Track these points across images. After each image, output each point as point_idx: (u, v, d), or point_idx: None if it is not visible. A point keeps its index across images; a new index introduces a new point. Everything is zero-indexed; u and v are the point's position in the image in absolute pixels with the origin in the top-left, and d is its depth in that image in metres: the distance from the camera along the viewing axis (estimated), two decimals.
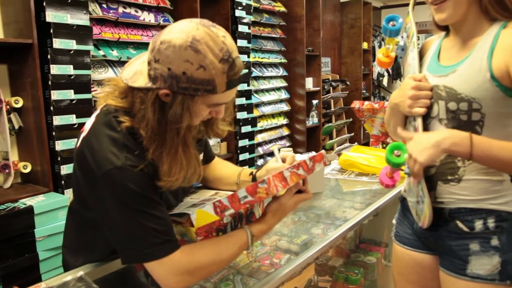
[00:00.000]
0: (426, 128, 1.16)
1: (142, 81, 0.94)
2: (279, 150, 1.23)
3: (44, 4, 2.08)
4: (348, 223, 1.36)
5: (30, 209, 1.92)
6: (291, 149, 1.72)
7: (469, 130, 1.08)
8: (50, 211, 2.00)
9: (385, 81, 6.98)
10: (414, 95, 1.15)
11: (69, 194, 2.21)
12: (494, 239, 1.09)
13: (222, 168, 1.33)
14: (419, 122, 1.15)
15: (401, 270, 1.32)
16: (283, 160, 1.17)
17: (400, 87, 1.22)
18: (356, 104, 2.06)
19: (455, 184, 1.13)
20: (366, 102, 2.02)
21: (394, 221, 1.39)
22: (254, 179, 1.23)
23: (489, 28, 1.09)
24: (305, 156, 1.60)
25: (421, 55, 1.26)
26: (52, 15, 2.11)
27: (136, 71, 0.97)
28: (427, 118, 1.16)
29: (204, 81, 0.88)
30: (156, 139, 0.93)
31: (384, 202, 1.57)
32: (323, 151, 1.12)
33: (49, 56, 2.12)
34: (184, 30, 0.88)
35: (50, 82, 2.13)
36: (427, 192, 1.12)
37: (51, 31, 2.11)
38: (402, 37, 1.32)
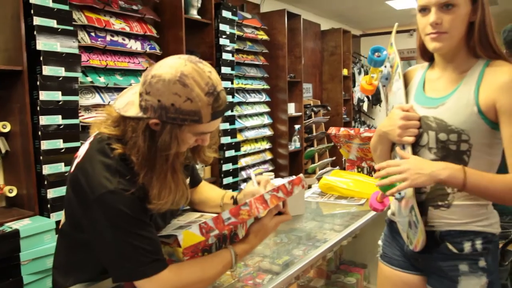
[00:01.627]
0: (415, 155, 1.22)
1: (134, 111, 1.01)
2: (255, 175, 1.31)
3: (35, 32, 2.15)
4: (327, 244, 1.42)
5: (15, 233, 1.94)
6: (272, 173, 1.79)
7: (457, 159, 1.16)
8: (36, 235, 2.01)
9: (365, 107, 7.17)
10: (404, 124, 1.21)
11: (55, 217, 2.23)
12: (482, 261, 1.17)
13: (207, 191, 1.40)
14: (408, 150, 1.22)
15: None
16: (259, 183, 1.25)
17: (388, 116, 1.29)
18: (332, 130, 2.15)
19: (445, 210, 1.20)
20: (342, 129, 2.11)
21: (380, 242, 1.44)
22: (235, 202, 1.31)
23: (474, 64, 1.18)
24: (286, 180, 1.68)
25: (405, 84, 1.32)
26: (43, 43, 2.18)
27: (128, 102, 1.05)
28: (416, 146, 1.23)
29: (190, 112, 0.96)
30: (146, 165, 1.00)
31: (362, 224, 1.64)
32: (301, 175, 1.20)
33: (38, 83, 2.17)
34: (173, 66, 0.97)
35: (38, 108, 2.18)
36: (421, 218, 1.19)
37: (41, 58, 2.18)
38: (385, 66, 1.38)
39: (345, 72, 6.35)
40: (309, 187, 2.23)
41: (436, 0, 1.13)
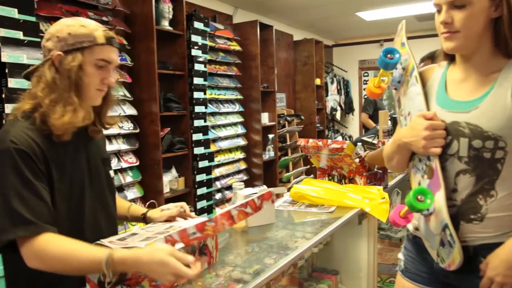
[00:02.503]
0: (442, 166, 1.13)
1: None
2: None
3: (0, 44, 2.12)
4: (297, 251, 1.44)
5: None
6: (242, 183, 1.80)
7: (490, 168, 1.08)
8: None
9: (338, 115, 7.30)
10: (429, 135, 1.11)
11: None
12: None
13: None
14: (436, 162, 1.13)
15: None
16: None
17: (410, 126, 1.18)
18: (301, 142, 2.18)
19: (478, 223, 1.11)
20: (311, 140, 2.15)
21: (401, 256, 1.37)
22: (144, 219, 1.37)
23: (506, 64, 1.08)
24: (257, 190, 1.69)
25: (425, 85, 1.23)
26: (8, 55, 2.14)
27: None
28: (443, 156, 1.13)
29: (85, 35, 1.12)
30: (51, 92, 1.09)
31: (332, 231, 1.67)
32: (271, 190, 1.20)
33: (3, 95, 2.13)
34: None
35: (4, 121, 2.13)
36: (457, 238, 1.10)
37: (6, 70, 2.14)
38: (396, 68, 1.27)
39: (318, 81, 6.45)
40: (281, 196, 2.25)
41: None
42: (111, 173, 1.35)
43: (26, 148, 1.04)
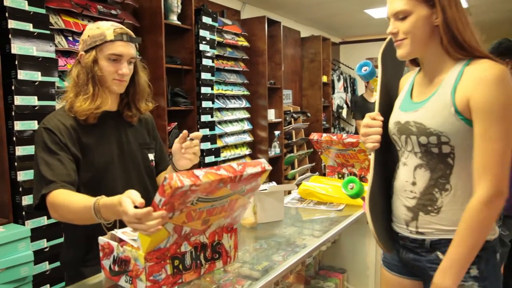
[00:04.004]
0: (405, 161, 1.24)
1: None
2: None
3: (10, 36, 2.11)
4: (306, 249, 1.43)
5: None
6: None
7: (442, 162, 1.16)
8: (10, 243, 1.96)
9: (344, 113, 7.26)
10: (365, 132, 1.26)
11: (30, 225, 2.18)
12: (473, 269, 1.14)
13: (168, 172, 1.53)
14: (372, 156, 1.26)
15: None
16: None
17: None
18: (314, 136, 2.15)
19: (434, 215, 1.18)
20: (324, 134, 2.12)
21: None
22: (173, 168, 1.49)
23: (453, 66, 1.16)
24: (266, 186, 1.68)
25: (399, 93, 1.35)
26: (18, 47, 2.14)
27: None
28: (404, 152, 1.24)
29: (98, 35, 1.32)
30: (74, 85, 1.34)
31: (341, 229, 1.66)
32: (282, 186, 1.20)
33: (13, 87, 2.13)
34: None
35: (13, 113, 2.13)
36: (372, 226, 1.23)
37: (16, 62, 2.13)
38: (376, 76, 1.43)
39: (324, 79, 6.42)
40: (289, 193, 2.24)
41: (390, 12, 1.20)
42: (150, 156, 1.53)
43: (52, 127, 1.30)
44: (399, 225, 1.28)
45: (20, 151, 2.16)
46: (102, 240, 1.20)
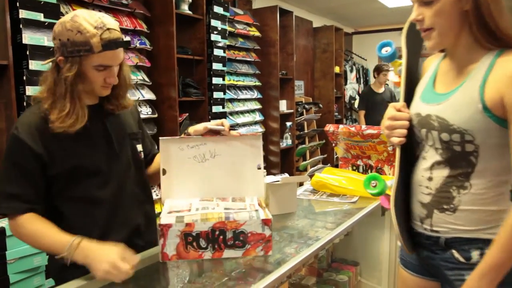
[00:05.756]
0: (424, 155, 1.16)
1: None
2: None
3: (21, 26, 2.10)
4: (320, 242, 1.40)
5: (1, 231, 1.89)
6: (264, 171, 1.77)
7: (464, 160, 1.07)
8: None
9: (356, 104, 7.18)
10: (390, 125, 1.16)
11: None
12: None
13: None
14: (397, 151, 1.17)
15: None
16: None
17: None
18: (330, 128, 2.10)
19: (450, 214, 1.11)
20: (341, 126, 2.07)
21: (399, 244, 1.34)
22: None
23: (483, 56, 1.05)
24: (279, 177, 1.65)
25: (422, 76, 1.24)
26: (29, 37, 2.13)
27: None
28: (425, 146, 1.16)
29: (82, 43, 1.13)
30: (51, 93, 1.17)
31: (355, 222, 1.63)
32: (294, 177, 1.18)
33: (24, 78, 2.12)
34: (70, 13, 1.18)
35: (25, 103, 2.13)
36: (396, 224, 1.16)
37: (27, 52, 2.13)
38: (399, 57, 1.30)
39: (337, 69, 6.35)
40: (301, 184, 2.21)
41: None
42: (139, 147, 1.41)
43: (25, 136, 1.16)
44: (414, 221, 1.22)
45: None
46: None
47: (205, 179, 1.40)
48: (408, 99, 1.21)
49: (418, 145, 1.20)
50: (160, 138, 1.35)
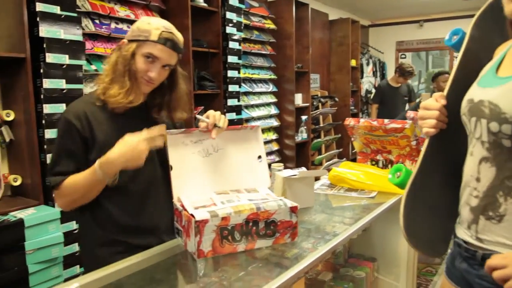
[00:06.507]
0: (472, 151, 1.03)
1: None
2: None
3: (38, 19, 2.11)
4: (338, 238, 1.38)
5: (20, 222, 1.91)
6: (282, 164, 1.74)
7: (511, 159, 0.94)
8: (41, 224, 1.99)
9: None
10: (421, 115, 1.08)
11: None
12: None
13: None
14: (424, 144, 1.09)
15: None
16: (207, 117, 1.36)
17: None
18: (350, 122, 2.05)
19: (496, 223, 0.97)
20: (362, 120, 2.01)
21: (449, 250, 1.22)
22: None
23: None
24: (296, 171, 1.63)
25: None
26: (46, 30, 2.13)
27: None
28: (472, 139, 1.02)
29: (145, 30, 1.29)
30: (111, 71, 1.31)
31: (374, 217, 1.60)
32: (312, 172, 1.15)
33: (41, 70, 2.13)
34: None
35: (42, 96, 2.14)
36: (403, 222, 1.06)
37: (44, 45, 2.14)
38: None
39: (353, 62, 6.27)
40: (317, 178, 2.18)
41: None
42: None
43: (73, 119, 1.29)
44: (462, 225, 1.09)
45: (49, 134, 2.17)
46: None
47: (212, 173, 1.41)
48: (463, 92, 1.08)
49: (466, 139, 1.07)
50: (167, 131, 1.34)
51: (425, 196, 1.13)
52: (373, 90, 6.92)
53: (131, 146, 1.20)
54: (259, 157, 1.47)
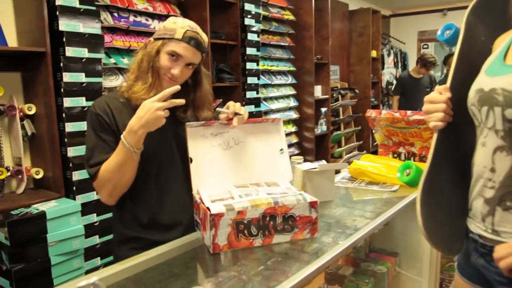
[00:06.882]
0: (484, 141, 1.02)
1: None
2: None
3: (57, 13, 2.12)
4: (359, 232, 1.35)
5: (42, 215, 1.94)
6: (301, 157, 1.72)
7: None
8: (62, 217, 2.02)
9: None
10: (426, 109, 1.08)
11: (80, 200, 2.23)
12: None
13: None
14: (433, 138, 1.08)
15: None
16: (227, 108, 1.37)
17: None
18: (371, 113, 2.00)
19: None
20: (384, 111, 1.97)
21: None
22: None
23: None
24: (316, 164, 1.60)
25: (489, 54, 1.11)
26: (65, 24, 2.14)
27: None
28: (484, 130, 1.01)
29: (170, 29, 1.32)
30: (136, 68, 1.36)
31: (396, 212, 1.56)
32: (333, 165, 1.12)
33: (61, 64, 2.15)
34: None
35: (62, 90, 2.15)
36: (420, 213, 1.03)
37: (64, 39, 2.15)
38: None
39: (373, 53, 6.15)
40: (337, 172, 2.15)
41: None
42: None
43: (100, 111, 1.34)
44: (474, 220, 1.08)
45: (70, 127, 2.19)
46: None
47: (232, 166, 1.39)
48: (466, 85, 1.09)
49: (475, 131, 1.06)
50: (186, 123, 1.33)
51: (438, 192, 1.11)
52: (394, 82, 6.80)
53: (146, 108, 1.21)
54: (281, 150, 1.44)
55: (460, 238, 1.13)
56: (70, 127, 2.19)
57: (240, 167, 1.40)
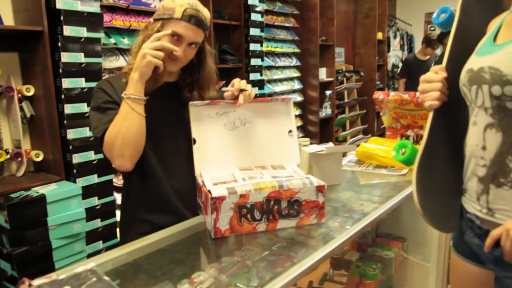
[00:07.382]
0: (474, 120, 1.04)
1: None
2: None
3: None
4: (368, 218, 1.30)
5: (42, 198, 1.90)
6: (308, 139, 1.66)
7: None
8: (63, 200, 1.98)
9: None
10: (422, 88, 1.10)
11: (81, 182, 2.19)
12: None
13: None
14: (429, 117, 1.09)
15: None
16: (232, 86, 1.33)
17: None
18: (379, 95, 1.95)
19: (508, 189, 0.97)
20: (392, 93, 1.91)
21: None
22: None
23: None
24: (323, 147, 1.55)
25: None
26: (63, 2, 2.07)
27: None
28: (474, 109, 1.03)
29: (169, 8, 1.27)
30: (137, 51, 1.26)
31: (404, 197, 1.51)
32: (340, 147, 1.08)
33: (59, 44, 2.08)
34: None
35: (61, 70, 2.09)
36: (415, 188, 1.04)
37: (62, 18, 2.07)
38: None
39: (379, 36, 6.04)
40: (344, 154, 2.09)
41: None
42: None
43: (105, 87, 1.32)
44: (469, 198, 1.10)
45: (69, 109, 2.14)
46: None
47: (238, 148, 1.34)
48: (459, 65, 1.10)
49: (467, 110, 1.09)
50: (190, 103, 1.28)
51: (433, 171, 1.13)
52: (400, 65, 6.69)
53: (139, 55, 1.20)
54: (290, 131, 1.38)
55: (455, 216, 1.16)
56: (69, 108, 2.13)
57: (246, 149, 1.34)
